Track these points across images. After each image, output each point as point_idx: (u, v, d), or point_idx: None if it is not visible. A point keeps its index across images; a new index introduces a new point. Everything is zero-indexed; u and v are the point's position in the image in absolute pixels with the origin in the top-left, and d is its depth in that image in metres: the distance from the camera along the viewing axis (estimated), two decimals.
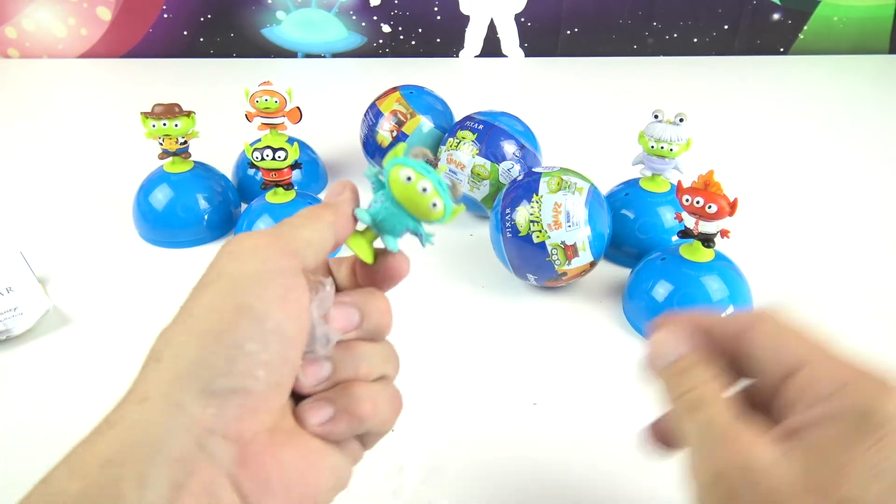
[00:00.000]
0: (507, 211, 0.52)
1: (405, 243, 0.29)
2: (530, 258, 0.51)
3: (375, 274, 0.29)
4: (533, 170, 0.53)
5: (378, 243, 0.29)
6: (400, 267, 0.29)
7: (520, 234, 0.51)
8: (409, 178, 0.27)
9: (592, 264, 0.52)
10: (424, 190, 0.27)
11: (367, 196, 0.29)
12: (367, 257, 0.28)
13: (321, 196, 0.69)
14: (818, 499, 0.21)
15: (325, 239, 0.26)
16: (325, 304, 0.26)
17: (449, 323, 0.53)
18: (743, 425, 0.23)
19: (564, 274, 0.51)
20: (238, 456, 0.21)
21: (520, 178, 0.53)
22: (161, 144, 0.59)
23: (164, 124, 0.58)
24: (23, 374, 0.47)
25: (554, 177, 0.51)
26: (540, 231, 0.50)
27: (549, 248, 0.50)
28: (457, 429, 0.43)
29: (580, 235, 0.50)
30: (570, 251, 0.50)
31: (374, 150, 0.69)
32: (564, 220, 0.49)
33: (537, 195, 0.50)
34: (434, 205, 0.27)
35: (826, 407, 0.22)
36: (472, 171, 0.60)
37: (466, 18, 1.17)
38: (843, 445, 0.21)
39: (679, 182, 0.47)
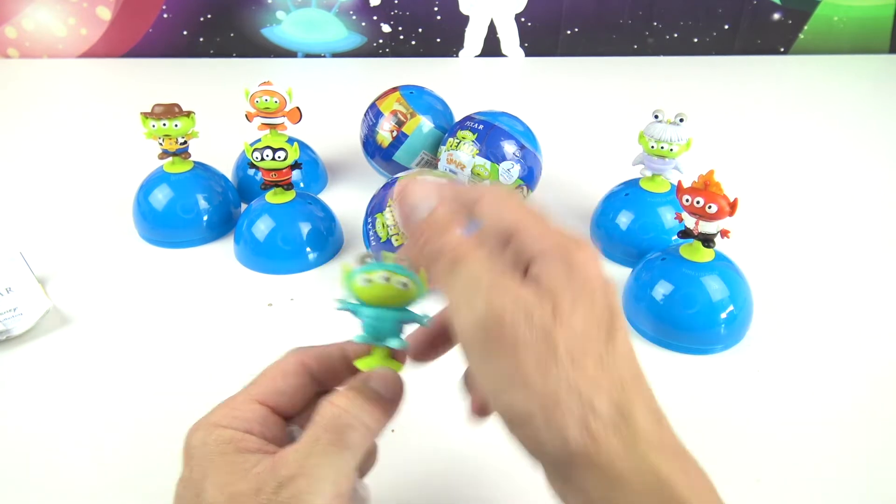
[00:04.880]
0: (369, 221, 0.53)
1: None
2: None
3: (418, 357, 0.32)
4: (395, 176, 0.55)
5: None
6: (421, 347, 0.32)
7: (381, 241, 0.52)
8: (368, 282, 0.28)
9: None
10: (386, 279, 0.28)
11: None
12: (396, 367, 0.30)
13: (321, 197, 0.69)
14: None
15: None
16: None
17: None
18: (505, 275, 0.25)
19: None
20: None
21: (381, 186, 0.55)
22: (161, 144, 0.59)
23: (164, 124, 0.58)
24: (23, 374, 0.47)
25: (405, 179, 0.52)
26: (398, 234, 0.51)
27: None
28: (456, 430, 0.43)
29: None
30: None
31: (374, 150, 0.69)
32: None
33: (391, 200, 0.51)
34: (404, 285, 0.28)
35: (543, 258, 0.25)
36: (472, 172, 0.60)
37: (466, 18, 1.17)
38: (563, 287, 0.25)
39: (679, 182, 0.47)
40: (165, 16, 1.16)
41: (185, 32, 1.17)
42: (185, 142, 0.60)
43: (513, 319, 0.24)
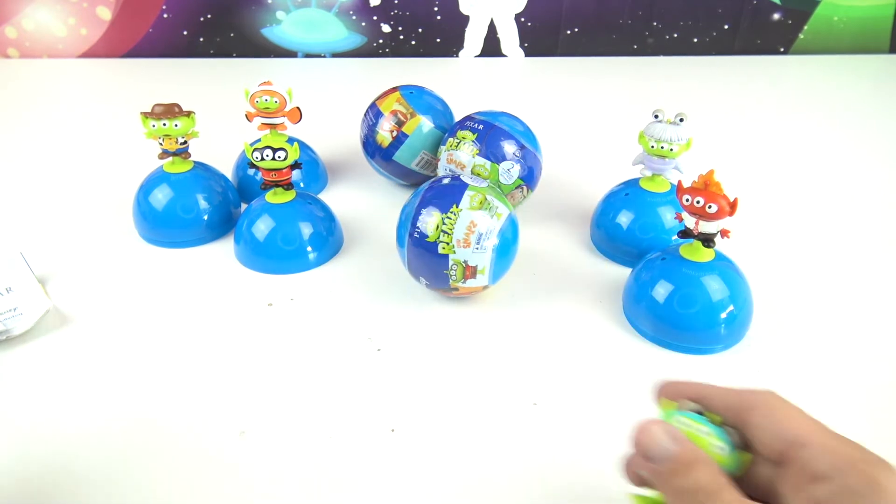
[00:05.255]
0: (422, 213, 0.49)
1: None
2: (428, 265, 0.50)
3: None
4: (461, 178, 0.51)
5: None
6: None
7: (427, 240, 0.49)
8: (687, 425, 0.28)
9: (485, 288, 0.52)
10: (707, 434, 0.27)
11: None
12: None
13: (321, 197, 0.69)
14: None
15: None
16: None
17: (448, 323, 0.53)
18: None
19: (455, 289, 0.51)
20: None
21: (445, 181, 0.51)
22: (161, 144, 0.59)
23: (164, 124, 0.58)
24: (23, 374, 0.47)
25: (479, 193, 0.49)
26: (448, 244, 0.48)
27: (450, 262, 0.49)
28: (457, 429, 0.43)
29: (484, 260, 0.49)
30: (469, 271, 0.49)
31: (374, 150, 0.69)
32: (475, 240, 0.48)
33: (457, 207, 0.49)
34: (721, 449, 0.27)
35: (830, 486, 0.24)
36: (472, 171, 0.60)
37: (466, 18, 1.17)
38: None
39: (679, 182, 0.47)
40: (165, 16, 1.16)
41: (185, 32, 1.17)
42: (185, 142, 0.60)
43: None
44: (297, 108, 0.57)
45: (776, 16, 1.17)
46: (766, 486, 0.26)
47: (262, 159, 0.55)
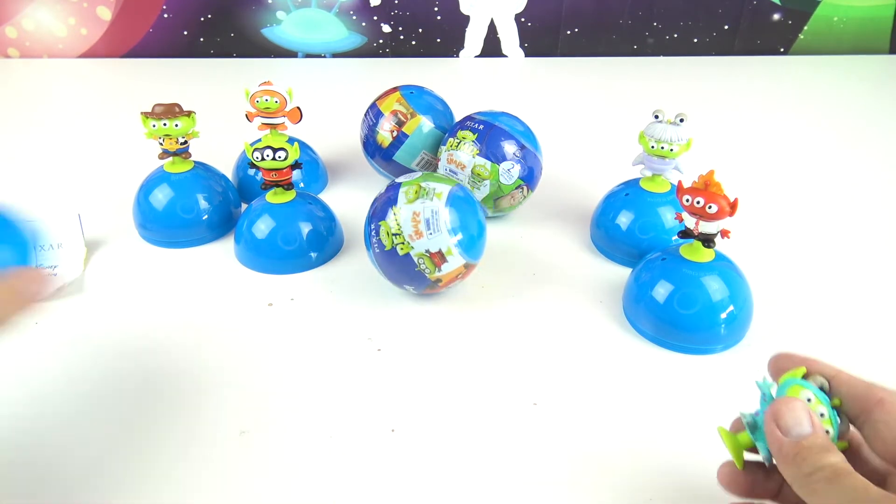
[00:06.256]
0: (373, 227, 0.51)
1: None
2: (401, 271, 0.50)
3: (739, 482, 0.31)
4: (396, 180, 0.52)
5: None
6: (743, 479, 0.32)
7: (386, 249, 0.50)
8: (808, 400, 0.29)
9: (468, 265, 0.51)
10: (821, 415, 0.28)
11: None
12: (738, 461, 0.31)
13: (321, 197, 0.69)
14: None
15: None
16: None
17: (448, 323, 0.53)
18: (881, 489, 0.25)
19: (439, 280, 0.51)
20: None
21: (382, 191, 0.52)
22: (161, 144, 0.59)
23: (165, 124, 0.58)
24: (23, 373, 0.47)
25: (412, 185, 0.50)
26: (402, 244, 0.49)
27: (415, 259, 0.49)
28: (457, 429, 0.43)
29: (444, 241, 0.49)
30: (436, 258, 0.49)
31: (374, 150, 0.69)
32: (424, 228, 0.48)
33: (395, 207, 0.49)
34: (821, 415, 0.28)
35: None
36: (472, 172, 0.60)
37: (466, 18, 1.17)
38: None
39: (679, 182, 0.47)
40: (165, 16, 1.16)
41: (185, 32, 1.17)
42: (186, 142, 0.60)
43: None
44: (298, 108, 0.57)
45: (776, 16, 1.17)
46: (876, 481, 0.26)
47: (263, 159, 0.55)
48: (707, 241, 0.47)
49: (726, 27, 1.18)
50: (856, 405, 0.28)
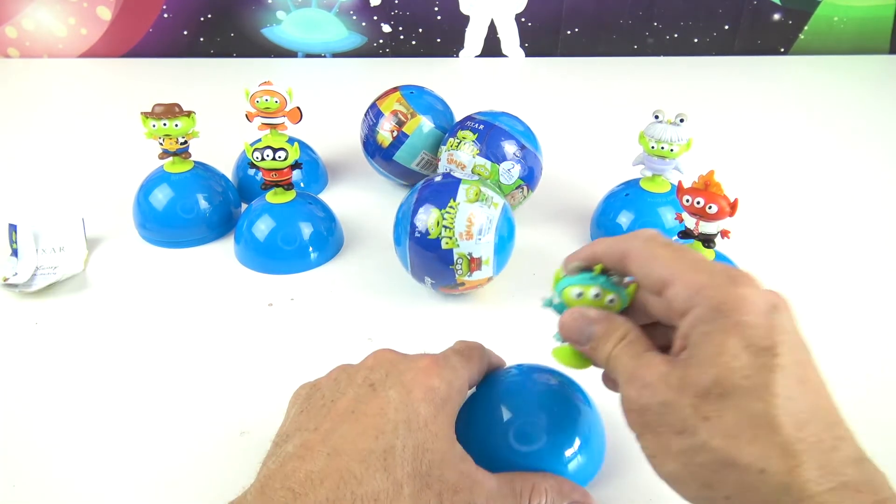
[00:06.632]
0: (419, 211, 0.50)
1: None
2: (433, 262, 0.50)
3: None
4: (452, 174, 0.52)
5: None
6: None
7: (429, 237, 0.49)
8: (579, 295, 0.32)
9: (490, 279, 0.52)
10: (597, 296, 0.31)
11: None
12: (584, 365, 0.33)
13: (321, 197, 0.69)
14: (691, 392, 0.25)
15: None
16: None
17: (449, 323, 0.53)
18: (647, 358, 0.27)
19: (462, 284, 0.51)
20: None
21: (437, 178, 0.52)
22: (161, 144, 0.59)
23: (165, 124, 0.58)
24: (21, 373, 0.47)
25: (473, 186, 0.50)
26: (450, 238, 0.49)
27: (455, 257, 0.49)
28: None
29: (487, 250, 0.49)
30: (474, 263, 0.49)
31: (374, 150, 0.69)
32: (476, 231, 0.49)
33: (454, 201, 0.49)
34: (611, 301, 0.31)
35: (691, 315, 0.26)
36: (472, 172, 0.60)
37: (466, 18, 1.17)
38: (707, 342, 0.25)
39: (679, 182, 0.47)
40: (165, 16, 1.16)
41: (185, 32, 1.17)
42: (186, 142, 0.60)
43: (656, 419, 0.26)
44: (298, 108, 0.57)
45: (776, 16, 1.17)
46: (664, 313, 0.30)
47: (263, 159, 0.55)
48: (707, 241, 0.47)
49: (726, 27, 1.18)
50: (615, 264, 0.31)
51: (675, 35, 1.18)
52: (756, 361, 0.24)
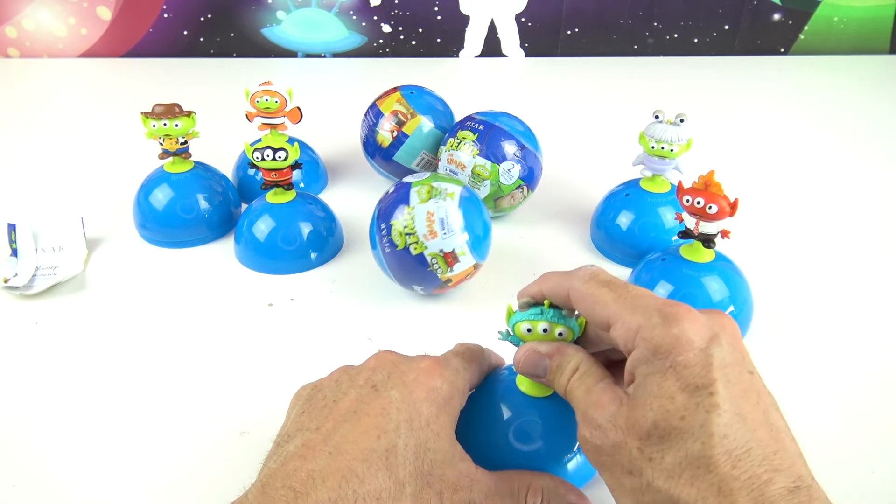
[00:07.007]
0: (383, 226, 0.50)
1: None
2: (412, 271, 0.50)
3: None
4: (403, 180, 0.52)
5: None
6: None
7: (398, 249, 0.50)
8: (528, 331, 0.33)
9: (476, 266, 0.52)
10: (545, 330, 0.33)
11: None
12: (542, 393, 0.35)
13: (321, 197, 0.69)
14: (636, 435, 0.26)
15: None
16: None
17: (449, 323, 0.53)
18: (597, 395, 0.29)
19: (449, 280, 0.51)
20: None
21: (391, 190, 0.52)
22: (161, 144, 0.59)
23: (165, 124, 0.58)
24: (20, 372, 0.47)
25: (424, 185, 0.50)
26: (416, 243, 0.49)
27: (428, 259, 0.49)
28: None
29: (458, 241, 0.49)
30: (449, 258, 0.49)
31: (374, 150, 0.69)
32: (439, 228, 0.49)
33: (409, 206, 0.49)
34: (560, 334, 0.33)
35: (632, 356, 0.27)
36: (472, 172, 0.60)
37: (466, 18, 1.17)
38: (647, 383, 0.26)
39: (679, 182, 0.47)
40: (165, 16, 1.16)
41: (185, 32, 1.17)
42: (186, 142, 0.60)
43: (608, 460, 0.27)
44: (298, 108, 0.57)
45: (776, 16, 1.17)
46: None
47: (263, 159, 0.55)
48: (707, 241, 0.47)
49: (726, 27, 1.18)
50: (563, 303, 0.32)
51: (675, 35, 1.19)
52: (692, 401, 0.25)
